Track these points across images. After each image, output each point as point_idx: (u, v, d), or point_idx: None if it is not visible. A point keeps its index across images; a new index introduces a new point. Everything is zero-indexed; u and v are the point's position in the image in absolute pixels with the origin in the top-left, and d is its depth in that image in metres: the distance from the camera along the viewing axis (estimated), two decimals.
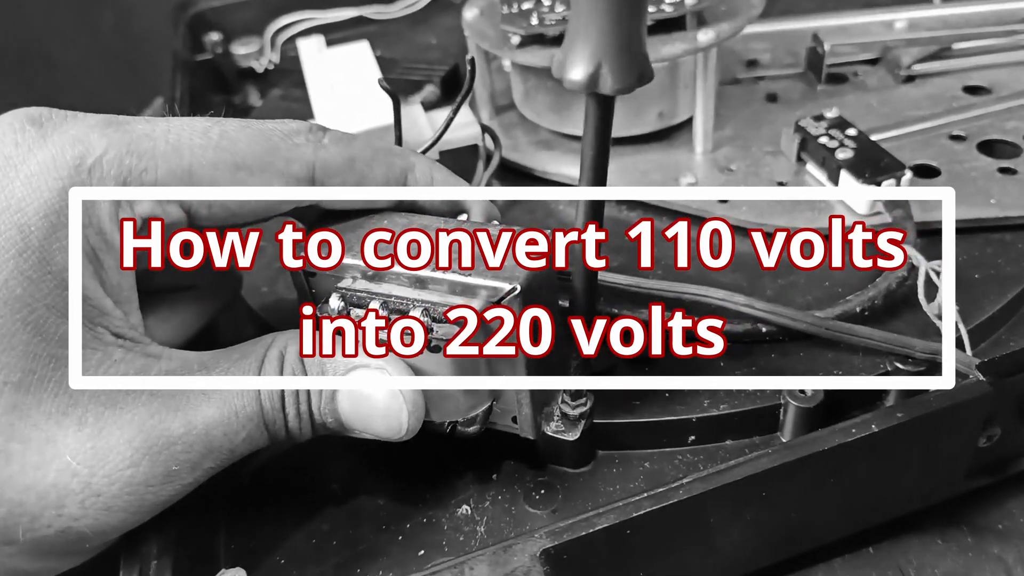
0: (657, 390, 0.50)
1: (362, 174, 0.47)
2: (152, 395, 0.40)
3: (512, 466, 0.50)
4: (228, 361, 0.42)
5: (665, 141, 0.71)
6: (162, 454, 0.39)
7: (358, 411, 0.43)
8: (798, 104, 0.74)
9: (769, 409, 0.49)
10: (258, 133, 0.45)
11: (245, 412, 0.41)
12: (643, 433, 0.50)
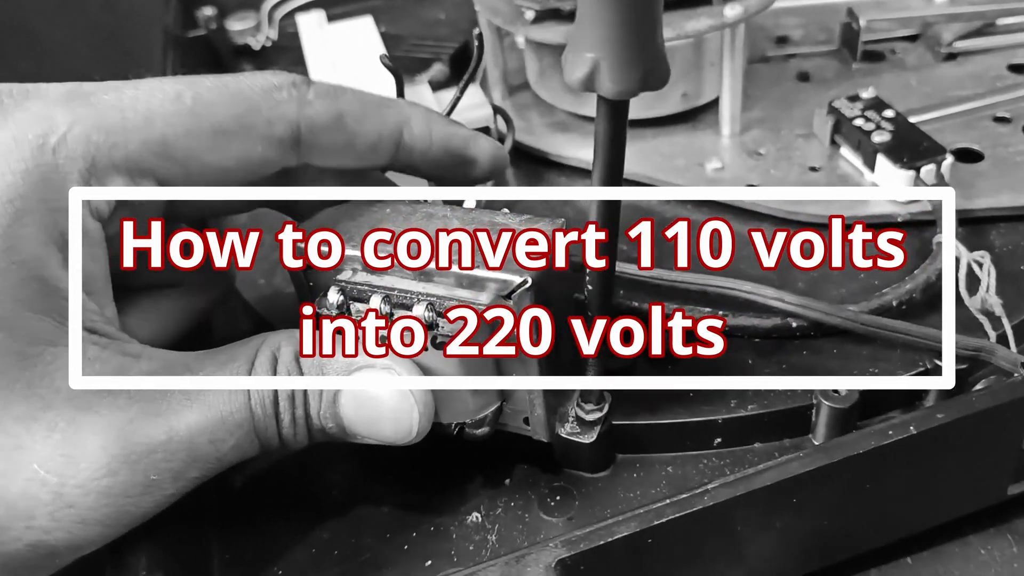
0: (680, 390, 0.50)
1: (352, 132, 0.47)
2: (131, 398, 0.39)
3: (525, 470, 0.50)
4: (214, 363, 0.42)
5: (689, 123, 0.71)
6: (141, 462, 0.38)
7: (363, 414, 0.42)
8: (832, 84, 0.74)
9: (800, 410, 0.49)
10: (235, 93, 0.44)
11: (233, 418, 0.40)
12: (665, 435, 0.50)
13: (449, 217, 0.46)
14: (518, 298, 0.41)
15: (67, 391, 0.38)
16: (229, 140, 0.44)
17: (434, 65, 0.78)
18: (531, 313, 0.42)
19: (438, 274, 0.43)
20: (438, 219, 0.45)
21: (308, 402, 0.42)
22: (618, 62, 0.34)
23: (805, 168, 0.65)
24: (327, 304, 0.43)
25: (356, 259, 0.44)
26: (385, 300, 0.42)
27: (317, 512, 0.49)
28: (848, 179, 0.63)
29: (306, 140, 0.46)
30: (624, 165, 0.39)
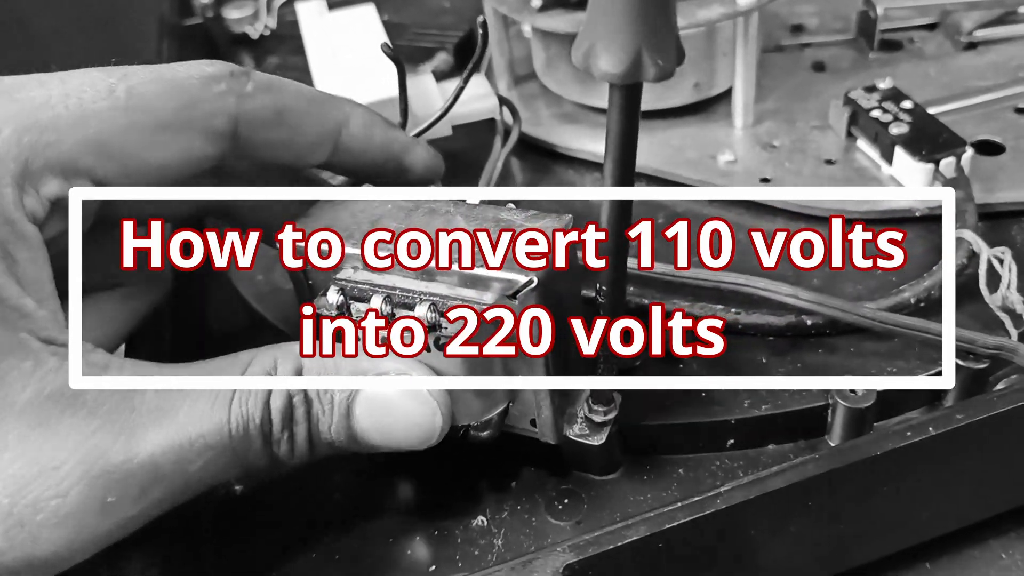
0: (692, 390, 0.50)
1: (293, 128, 0.47)
2: (92, 413, 0.38)
3: (532, 473, 0.50)
4: (199, 381, 0.40)
5: (701, 114, 0.71)
6: (97, 482, 0.37)
7: (380, 421, 0.42)
8: (848, 74, 0.74)
9: (815, 410, 0.49)
10: (171, 85, 0.44)
11: (204, 439, 0.39)
12: (677, 436, 0.50)
13: (452, 214, 0.45)
14: (523, 298, 0.41)
15: (20, 405, 0.37)
16: (168, 135, 0.43)
17: (438, 54, 0.78)
18: (532, 312, 0.41)
19: (440, 273, 0.43)
20: (440, 216, 0.45)
21: (313, 415, 0.42)
22: (662, 46, 0.34)
23: (820, 161, 0.65)
24: (326, 304, 0.43)
25: (356, 257, 0.44)
26: (386, 300, 0.42)
27: (318, 516, 0.49)
28: (865, 172, 0.63)
29: (244, 135, 0.45)
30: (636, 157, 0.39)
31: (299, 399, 0.41)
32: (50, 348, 0.38)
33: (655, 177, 0.67)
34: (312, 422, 0.42)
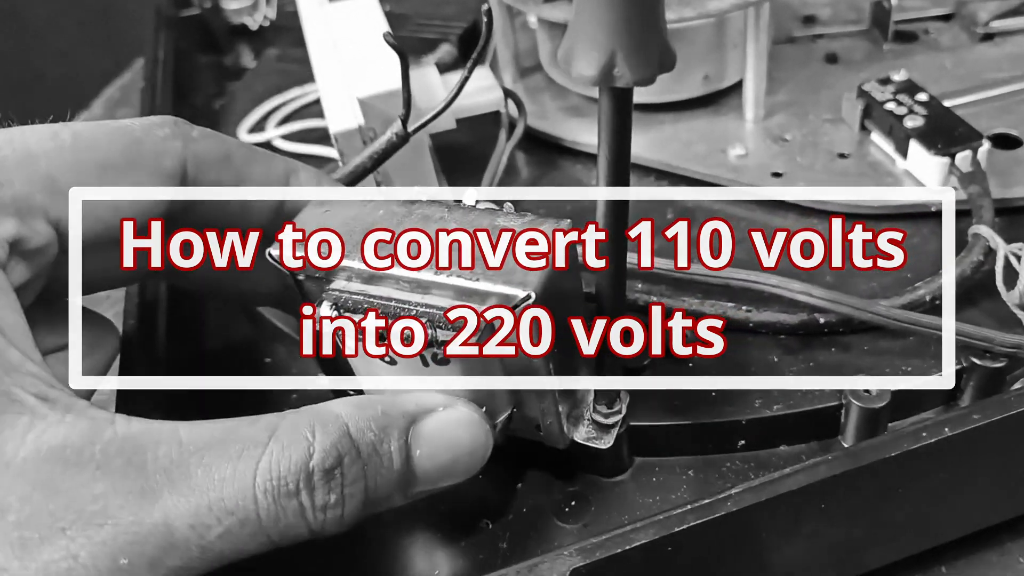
0: (701, 390, 0.50)
1: (239, 171, 0.47)
2: (99, 470, 0.36)
3: (538, 475, 0.50)
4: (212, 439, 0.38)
5: (711, 107, 0.71)
6: (107, 545, 0.35)
7: (441, 461, 0.41)
8: (862, 66, 0.74)
9: (828, 410, 0.49)
10: (115, 130, 0.44)
11: (223, 504, 0.37)
12: (686, 437, 0.50)
13: (447, 219, 0.44)
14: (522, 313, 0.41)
15: (19, 464, 0.35)
16: (116, 174, 0.43)
17: (441, 46, 0.78)
18: (531, 314, 0.40)
19: (436, 286, 0.42)
20: (435, 221, 0.44)
21: (371, 473, 0.40)
22: (638, 51, 0.34)
23: (833, 155, 0.65)
24: (319, 315, 0.43)
25: (349, 268, 0.43)
26: (381, 312, 0.42)
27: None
28: (879, 166, 0.63)
29: (192, 177, 0.45)
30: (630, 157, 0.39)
31: (352, 456, 0.39)
32: (46, 403, 0.37)
33: (664, 172, 0.67)
34: (369, 480, 0.40)
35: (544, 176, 0.69)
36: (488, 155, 0.65)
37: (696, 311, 0.54)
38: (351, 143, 0.59)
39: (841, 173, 0.63)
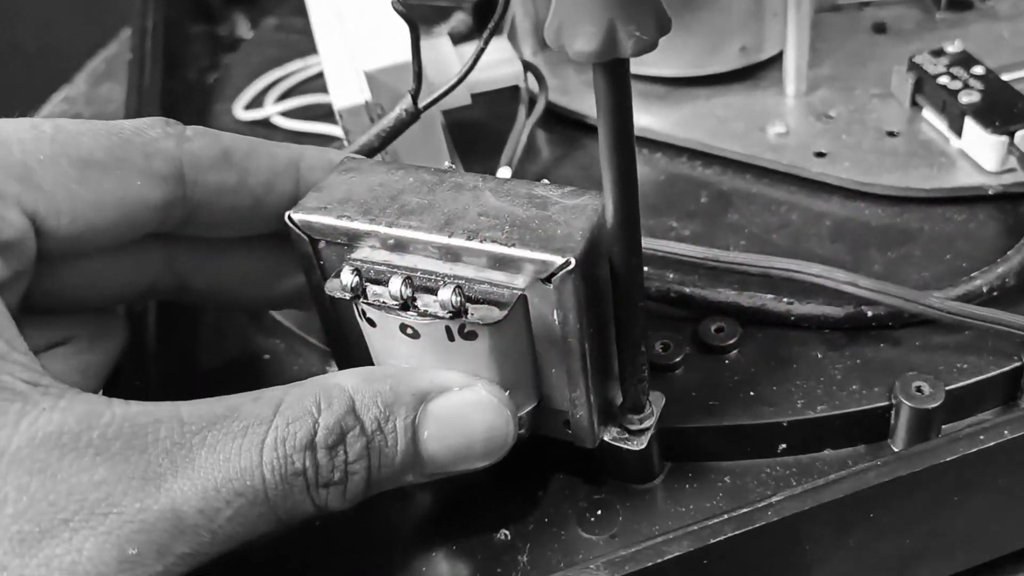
0: (740, 388, 0.50)
1: (242, 168, 0.47)
2: (98, 455, 0.36)
3: (562, 480, 0.50)
4: (213, 416, 0.39)
5: (749, 81, 0.71)
6: (113, 534, 0.36)
7: (451, 441, 0.42)
8: (912, 36, 0.74)
9: (877, 412, 0.49)
10: (101, 127, 0.44)
11: (231, 485, 0.38)
12: (723, 440, 0.50)
13: (481, 188, 0.45)
14: (559, 281, 0.40)
15: (13, 451, 0.36)
16: (100, 172, 0.43)
17: (455, 14, 0.78)
18: (572, 298, 0.41)
19: (467, 253, 0.42)
20: (468, 190, 0.45)
21: (374, 449, 0.40)
22: (638, 14, 0.34)
23: (882, 133, 0.64)
24: (339, 286, 0.42)
25: (374, 234, 0.44)
26: (406, 282, 0.41)
27: (326, 528, 0.49)
28: (931, 146, 0.63)
29: (191, 179, 0.45)
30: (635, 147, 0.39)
31: (355, 433, 0.40)
32: (38, 388, 0.37)
33: (697, 152, 0.67)
34: (372, 457, 0.41)
35: (567, 156, 0.69)
36: (506, 134, 0.65)
37: (733, 303, 0.53)
38: (357, 120, 0.59)
39: (890, 153, 0.63)
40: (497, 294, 0.41)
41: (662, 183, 0.65)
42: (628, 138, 0.38)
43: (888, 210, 0.59)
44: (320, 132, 0.74)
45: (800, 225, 0.59)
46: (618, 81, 0.36)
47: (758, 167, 0.65)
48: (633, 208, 0.40)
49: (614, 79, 0.36)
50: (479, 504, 0.49)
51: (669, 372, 0.52)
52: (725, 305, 0.53)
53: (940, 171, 0.61)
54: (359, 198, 0.45)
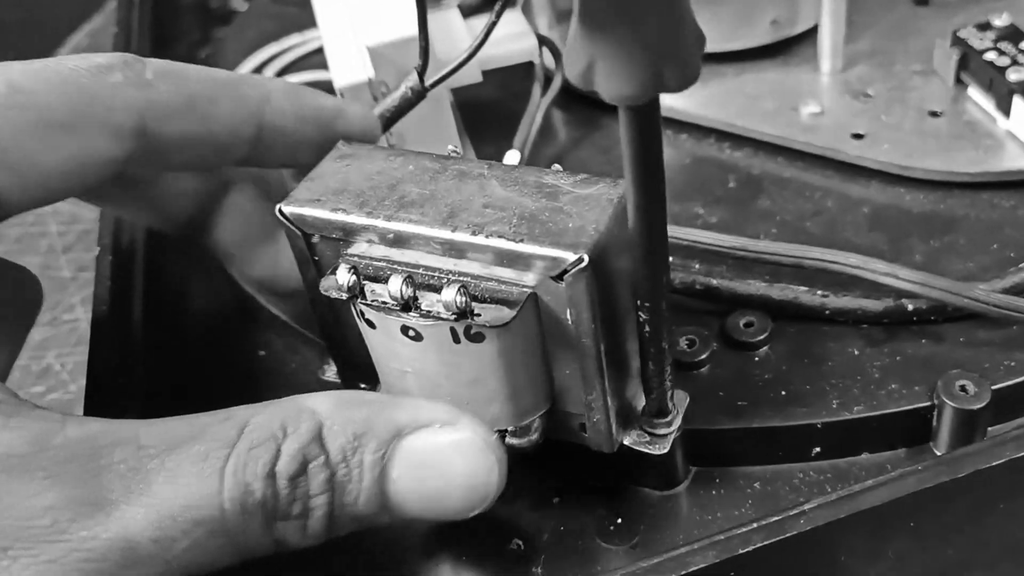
0: (770, 387, 0.50)
1: (206, 115, 0.46)
2: (48, 478, 0.36)
3: (579, 487, 0.50)
4: (171, 439, 0.38)
5: (781, 57, 0.71)
6: (56, 563, 0.35)
7: (423, 485, 0.40)
8: (957, 8, 0.73)
9: (918, 412, 0.49)
10: (58, 76, 0.43)
11: (190, 515, 0.37)
12: (752, 443, 0.50)
13: (486, 176, 0.45)
14: (572, 279, 0.40)
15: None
16: (63, 135, 0.42)
17: None
18: (586, 296, 0.40)
19: (472, 248, 0.42)
20: (473, 179, 0.45)
21: (337, 484, 0.39)
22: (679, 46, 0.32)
23: (924, 113, 0.64)
24: (335, 285, 0.42)
25: (371, 229, 0.43)
26: (407, 281, 0.41)
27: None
28: (977, 126, 0.63)
29: (153, 130, 0.45)
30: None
31: (318, 464, 0.39)
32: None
33: (725, 133, 0.67)
34: (336, 493, 0.39)
35: (586, 138, 0.69)
36: (520, 113, 0.65)
37: (763, 296, 0.53)
38: (359, 99, 0.59)
39: (932, 134, 0.63)
40: (505, 292, 0.41)
41: (687, 167, 0.65)
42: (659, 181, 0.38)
43: (930, 196, 0.59)
44: None
45: (836, 212, 0.59)
46: (651, 120, 0.36)
47: (790, 149, 0.65)
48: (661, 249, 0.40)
49: (647, 119, 0.35)
50: (491, 512, 0.47)
51: (694, 370, 0.52)
52: (755, 298, 0.53)
53: (986, 154, 0.61)
54: (355, 188, 0.45)
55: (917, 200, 0.59)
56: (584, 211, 0.41)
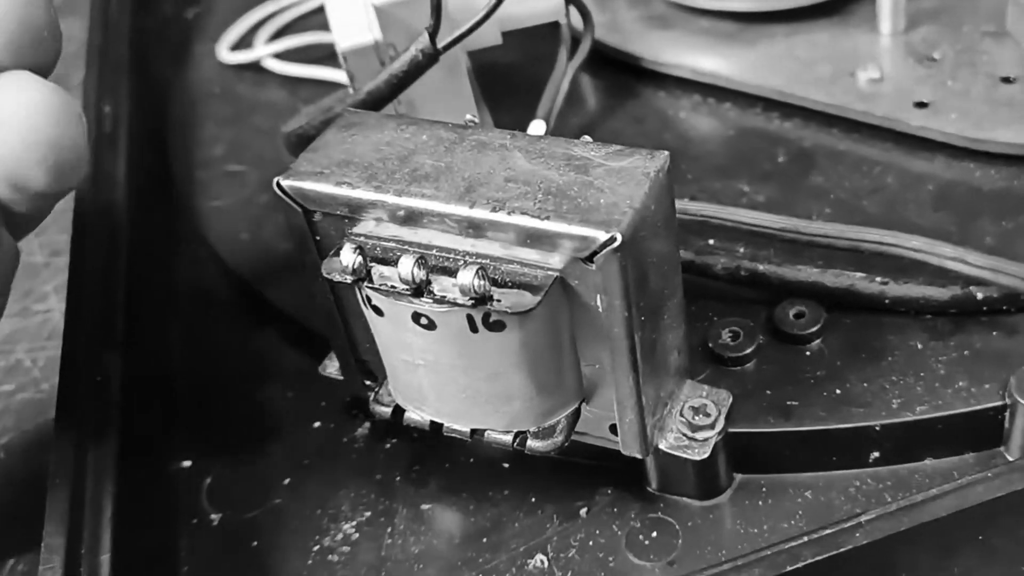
0: (823, 385, 0.50)
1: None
2: None
3: (609, 496, 0.50)
4: None
5: (837, 17, 0.71)
6: None
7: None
8: None
9: (988, 413, 0.48)
10: None
11: None
12: (803, 448, 0.49)
13: (509, 148, 0.44)
14: (603, 261, 0.39)
15: None
16: None
17: None
18: (619, 280, 0.40)
19: (493, 226, 0.41)
20: (494, 150, 0.44)
21: None
22: None
23: (995, 79, 0.64)
24: (339, 267, 0.42)
25: (380, 204, 0.43)
26: (419, 262, 0.41)
27: (331, 549, 0.49)
28: None
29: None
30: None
31: None
32: None
33: (774, 101, 0.66)
34: None
35: (618, 107, 0.69)
36: (544, 79, 0.65)
37: (815, 284, 0.53)
38: (364, 64, 0.59)
39: (1005, 103, 0.62)
40: (529, 276, 0.41)
41: (732, 139, 0.65)
42: None
43: (1003, 171, 0.59)
44: (320, 78, 0.75)
45: (897, 189, 0.59)
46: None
47: (847, 119, 0.64)
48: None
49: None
50: (513, 523, 0.49)
51: (739, 366, 0.52)
52: (806, 285, 0.53)
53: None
54: (363, 160, 0.45)
55: (988, 176, 0.59)
56: (617, 185, 0.41)
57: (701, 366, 0.51)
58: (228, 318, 0.61)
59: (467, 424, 0.46)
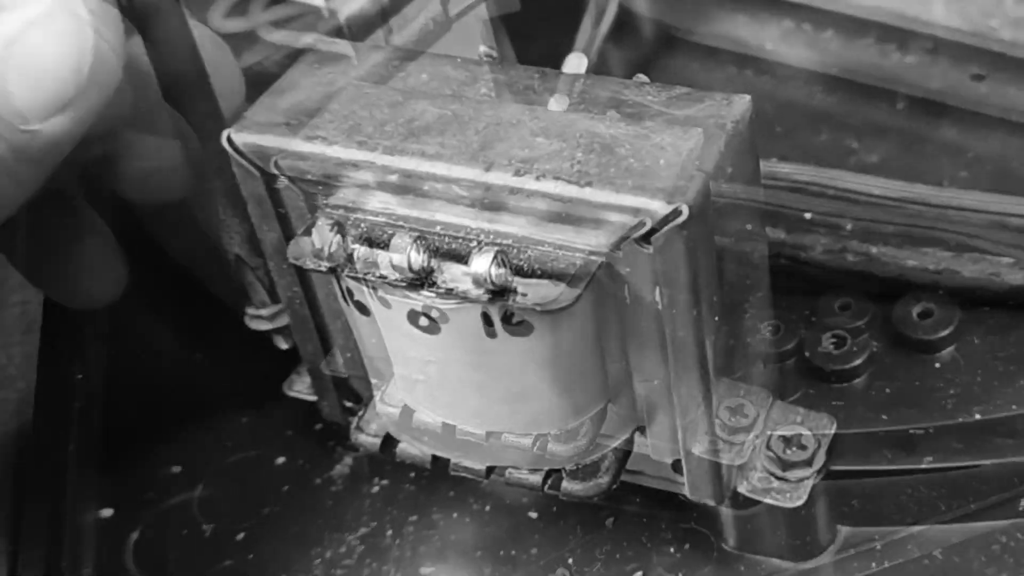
0: (958, 407, 0.46)
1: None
2: None
3: (637, 506, 0.47)
4: None
5: None
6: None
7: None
8: None
9: None
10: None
11: None
12: (930, 493, 0.45)
13: (537, 91, 0.41)
14: (664, 241, 0.35)
15: None
16: None
17: None
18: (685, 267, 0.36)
19: (516, 197, 0.37)
20: (517, 93, 0.41)
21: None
22: None
23: None
24: (310, 250, 0.38)
25: (366, 166, 0.39)
26: (419, 244, 0.37)
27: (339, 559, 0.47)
28: None
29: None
30: None
31: None
32: None
33: (892, 28, 0.61)
34: None
35: (681, 39, 0.66)
36: (566, 49, 0.60)
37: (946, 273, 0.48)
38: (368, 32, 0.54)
39: None
40: (564, 262, 0.36)
41: (836, 80, 0.61)
42: None
43: None
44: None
45: None
46: None
47: (990, 51, 0.59)
48: None
49: None
50: (534, 535, 0.46)
51: (844, 381, 0.48)
52: (934, 275, 0.49)
53: None
54: (342, 107, 0.41)
55: None
56: (681, 141, 0.36)
57: (795, 382, 0.47)
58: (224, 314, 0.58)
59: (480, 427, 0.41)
